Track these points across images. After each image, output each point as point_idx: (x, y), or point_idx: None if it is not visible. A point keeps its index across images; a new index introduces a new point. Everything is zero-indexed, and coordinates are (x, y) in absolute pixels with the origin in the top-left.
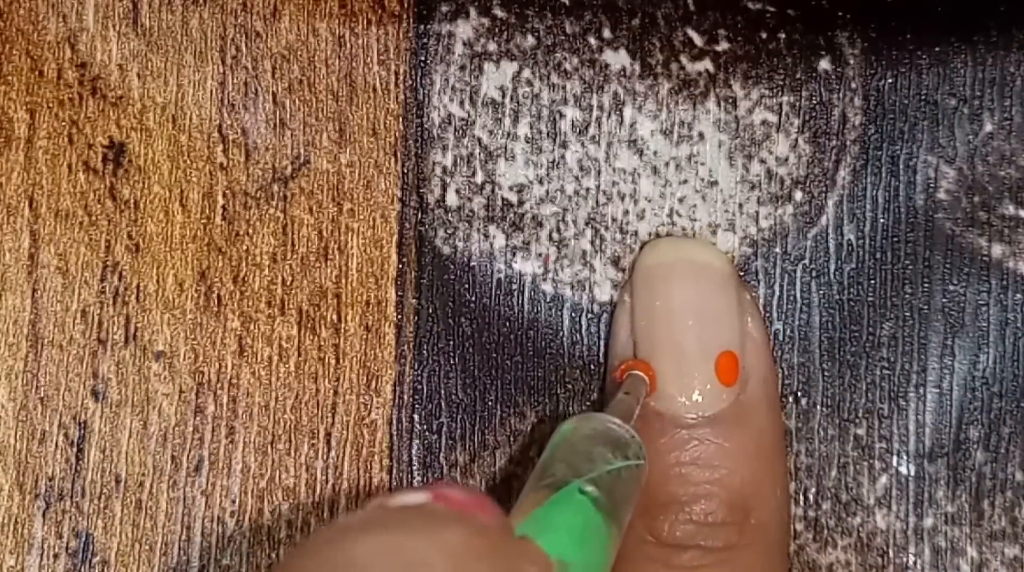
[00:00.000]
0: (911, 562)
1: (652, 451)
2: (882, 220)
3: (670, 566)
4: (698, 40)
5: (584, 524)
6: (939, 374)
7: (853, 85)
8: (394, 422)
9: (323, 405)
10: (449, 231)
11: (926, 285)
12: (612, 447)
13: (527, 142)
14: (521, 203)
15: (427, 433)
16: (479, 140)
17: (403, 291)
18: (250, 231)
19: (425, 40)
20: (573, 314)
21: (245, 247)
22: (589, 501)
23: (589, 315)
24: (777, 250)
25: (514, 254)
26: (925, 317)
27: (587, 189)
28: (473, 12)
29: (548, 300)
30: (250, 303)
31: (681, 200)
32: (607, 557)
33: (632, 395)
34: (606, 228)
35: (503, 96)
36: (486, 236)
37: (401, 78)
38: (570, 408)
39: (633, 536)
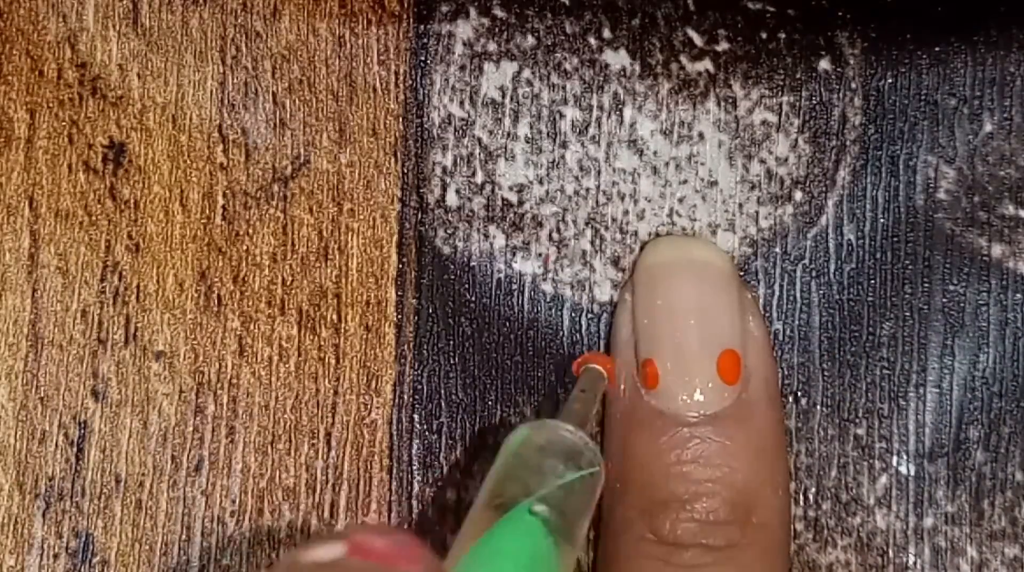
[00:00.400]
0: (911, 562)
1: (654, 449)
2: (882, 220)
3: (671, 564)
4: (698, 40)
5: (533, 551)
6: (939, 374)
7: (853, 85)
8: (394, 422)
9: (323, 405)
10: (449, 231)
11: (926, 285)
12: (564, 458)
13: (527, 142)
14: (521, 203)
15: (427, 433)
16: (479, 140)
17: (403, 291)
18: (250, 231)
19: (425, 40)
20: (573, 314)
21: (245, 247)
22: (539, 523)
23: (589, 315)
24: (777, 250)
25: (514, 254)
26: (925, 317)
27: (587, 189)
28: (473, 12)
29: (548, 300)
30: (250, 303)
31: (681, 200)
32: None
33: (589, 392)
34: (606, 228)
35: (503, 96)
36: (486, 236)
37: (401, 78)
38: None
39: (633, 534)
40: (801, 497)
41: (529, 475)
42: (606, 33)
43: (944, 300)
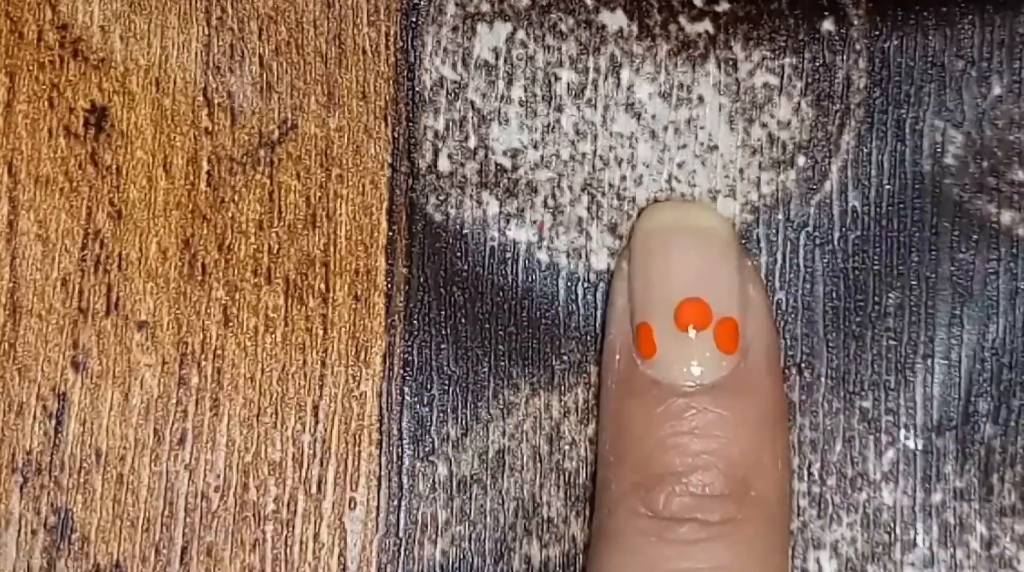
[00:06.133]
0: (919, 539)
1: (649, 420)
2: (888, 186)
3: (665, 540)
4: (697, 0)
5: None
6: (947, 345)
7: (857, 47)
8: (384, 394)
9: (311, 377)
10: (441, 198)
11: (933, 253)
12: None
13: (521, 105)
14: (515, 168)
15: (418, 405)
16: (472, 103)
17: (393, 259)
18: (235, 198)
19: (416, 0)
20: (569, 283)
21: (230, 214)
22: None
23: (585, 284)
24: (780, 217)
25: (508, 221)
26: (932, 286)
27: (583, 154)
28: None
29: (543, 269)
30: (235, 272)
31: (680, 165)
32: None
33: None
34: (603, 194)
35: (496, 58)
36: (479, 203)
37: (392, 39)
38: (565, 380)
39: (627, 509)
40: (805, 472)
41: None
42: None
43: (952, 268)
